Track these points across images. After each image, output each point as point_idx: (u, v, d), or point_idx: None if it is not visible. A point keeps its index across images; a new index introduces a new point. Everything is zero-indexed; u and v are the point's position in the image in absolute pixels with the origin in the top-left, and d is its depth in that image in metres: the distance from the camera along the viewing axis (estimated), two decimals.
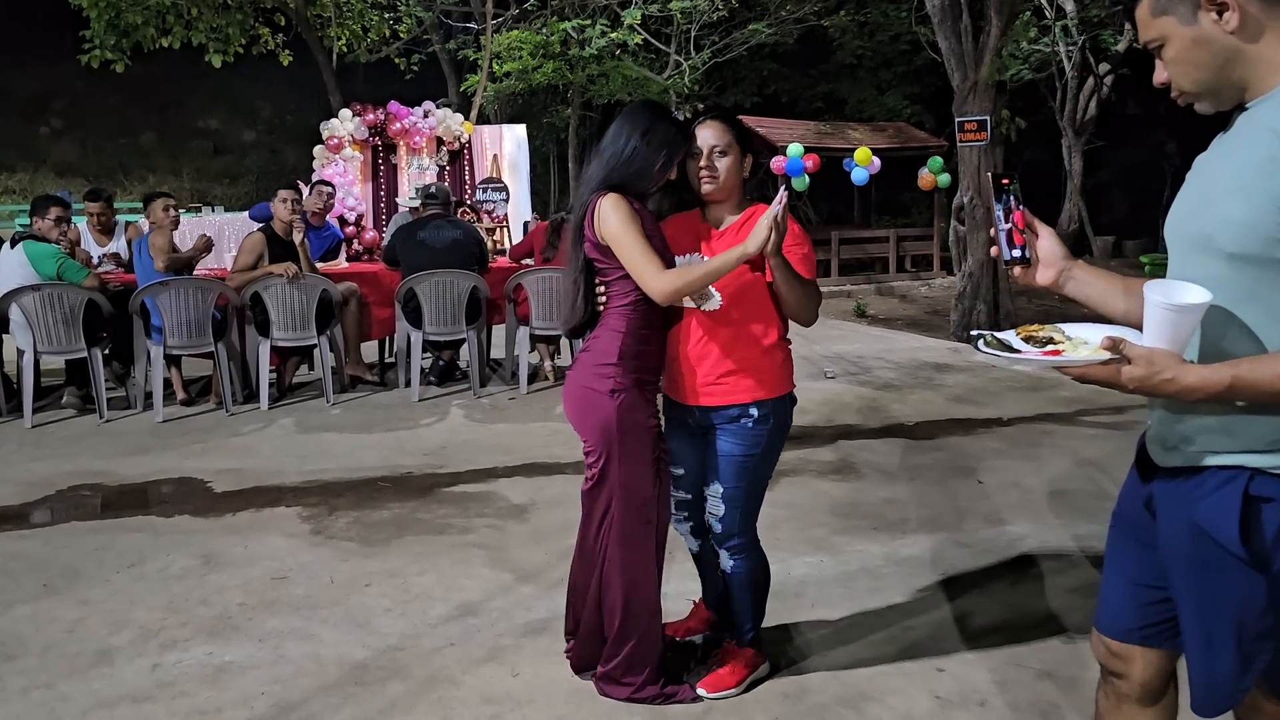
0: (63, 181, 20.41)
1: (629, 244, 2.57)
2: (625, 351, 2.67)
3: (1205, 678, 1.66)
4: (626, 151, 2.65)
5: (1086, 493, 4.71)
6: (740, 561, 2.82)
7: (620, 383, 2.66)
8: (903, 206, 19.70)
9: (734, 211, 2.78)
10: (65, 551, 4.05)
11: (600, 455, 2.70)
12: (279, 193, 6.77)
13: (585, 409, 2.70)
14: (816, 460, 5.28)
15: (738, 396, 2.70)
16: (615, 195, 2.62)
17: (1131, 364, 1.51)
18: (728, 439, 2.73)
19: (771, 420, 2.74)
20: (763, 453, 2.75)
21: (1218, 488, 1.59)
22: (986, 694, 2.86)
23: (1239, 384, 1.49)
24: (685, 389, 2.75)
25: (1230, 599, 1.60)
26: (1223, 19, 1.56)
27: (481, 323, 7.17)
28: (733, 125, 2.75)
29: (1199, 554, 1.61)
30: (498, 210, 11.57)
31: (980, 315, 9.65)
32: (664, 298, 2.57)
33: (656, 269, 2.55)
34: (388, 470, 5.17)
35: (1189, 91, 1.64)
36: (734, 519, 2.78)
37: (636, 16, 15.03)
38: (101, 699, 2.87)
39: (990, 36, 9.23)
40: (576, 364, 2.77)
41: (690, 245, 2.75)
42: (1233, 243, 1.54)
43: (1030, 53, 14.91)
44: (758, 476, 2.78)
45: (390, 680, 2.96)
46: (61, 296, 6.11)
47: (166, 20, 13.34)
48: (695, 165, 2.71)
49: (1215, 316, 1.56)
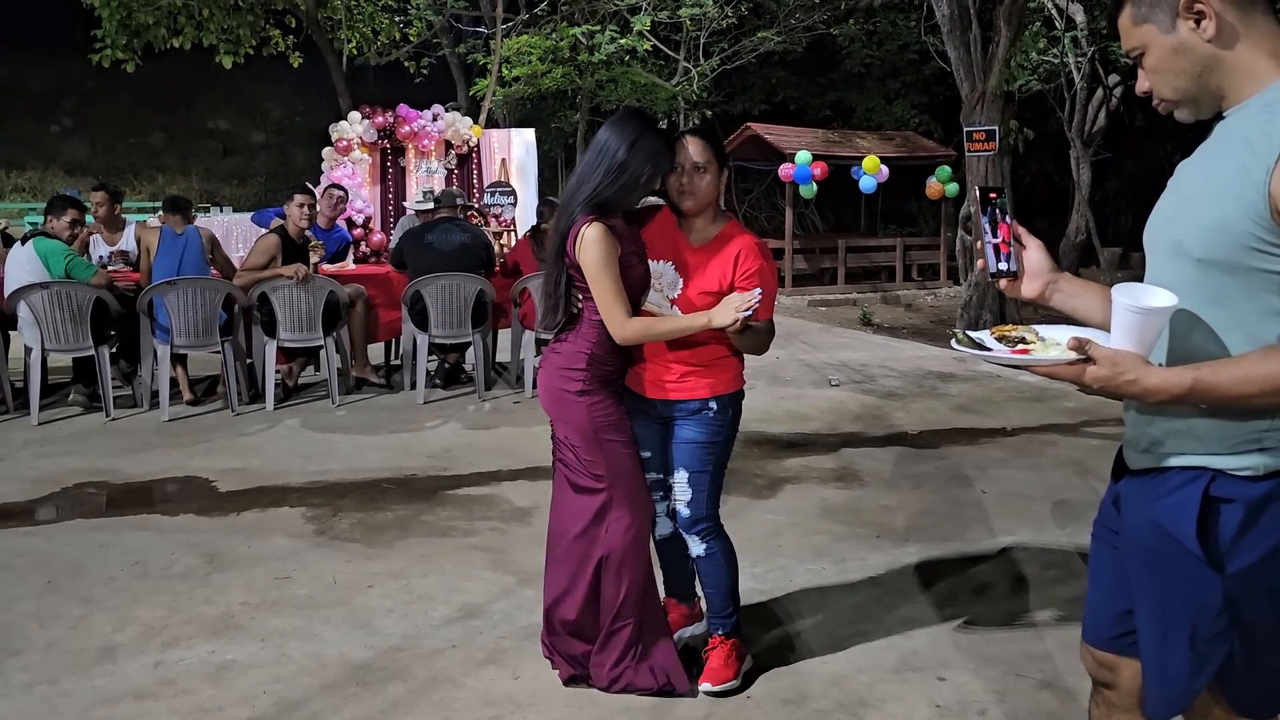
0: (72, 180, 20.48)
1: (602, 284, 2.67)
2: (593, 360, 2.79)
3: (1158, 677, 1.67)
4: (615, 164, 2.69)
5: (1089, 503, 4.70)
6: (711, 543, 2.94)
7: (589, 384, 2.79)
8: (910, 215, 19.68)
9: (709, 222, 2.86)
10: (70, 549, 4.06)
11: (589, 454, 2.80)
12: (295, 196, 6.79)
13: (559, 406, 2.82)
14: (819, 467, 5.28)
15: (698, 393, 2.85)
16: (599, 227, 2.67)
17: (1096, 364, 1.53)
18: (691, 428, 2.86)
19: (730, 411, 2.89)
20: (724, 440, 2.89)
21: (1179, 487, 1.61)
22: (986, 703, 2.86)
23: (1200, 387, 1.51)
24: (647, 385, 2.88)
25: (1185, 598, 1.61)
26: (1200, 27, 1.57)
27: (487, 326, 7.18)
28: (712, 142, 2.82)
29: (1157, 551, 1.63)
30: (505, 214, 11.60)
31: (986, 325, 9.63)
32: (622, 341, 2.73)
33: (622, 315, 2.68)
34: (392, 472, 5.18)
35: (1169, 99, 1.66)
36: (701, 501, 2.89)
37: (646, 23, 15.07)
38: (104, 695, 2.88)
39: (999, 47, 9.25)
40: (547, 360, 2.87)
41: (665, 253, 2.84)
42: (1201, 248, 1.56)
43: (1039, 63, 14.92)
44: (719, 459, 2.91)
45: (391, 681, 2.97)
46: (70, 294, 6.14)
47: (178, 20, 13.42)
48: (675, 179, 2.77)
49: (1183, 320, 1.58)
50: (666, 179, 2.78)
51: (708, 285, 2.78)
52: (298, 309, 6.54)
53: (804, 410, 6.64)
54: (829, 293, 14.68)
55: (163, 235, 6.61)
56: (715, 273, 2.78)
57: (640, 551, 2.87)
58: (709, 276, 2.78)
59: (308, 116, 23.78)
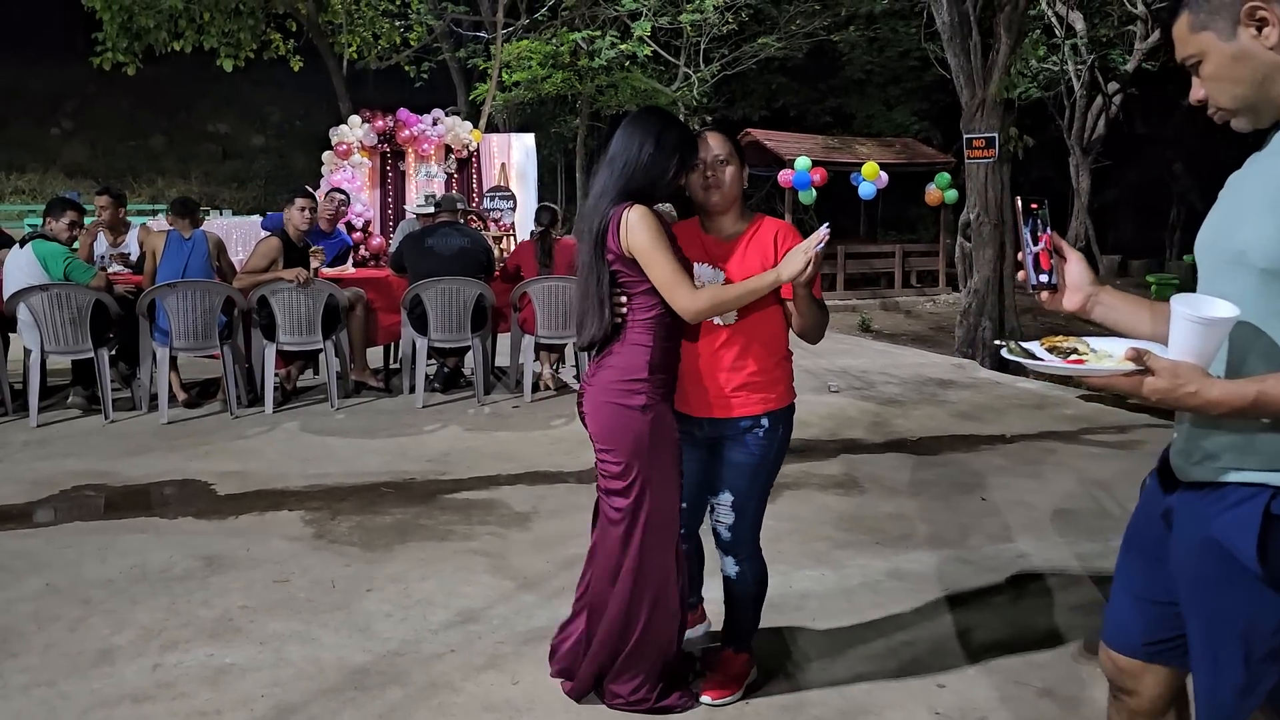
0: (72, 182, 20.50)
1: (660, 260, 2.55)
2: (654, 365, 2.64)
3: (1210, 695, 1.65)
4: (643, 158, 2.61)
5: (1089, 511, 4.70)
6: (746, 568, 2.87)
7: (652, 398, 2.64)
8: (909, 222, 19.73)
9: (736, 222, 2.80)
10: (68, 551, 4.05)
11: (633, 471, 2.65)
12: (296, 200, 6.79)
13: (615, 424, 2.65)
14: (820, 474, 5.28)
15: (750, 409, 2.72)
16: (641, 207, 2.58)
17: (1155, 375, 1.51)
18: (738, 450, 2.76)
19: (781, 429, 2.78)
20: (772, 461, 2.79)
21: (1238, 504, 1.58)
22: (986, 710, 2.85)
23: (1264, 400, 1.48)
24: (695, 402, 2.76)
25: (1240, 616, 1.59)
26: (1262, 34, 1.56)
27: (486, 330, 7.18)
28: (732, 137, 2.79)
29: (1212, 569, 1.60)
30: (505, 218, 11.61)
31: (985, 332, 9.65)
32: (693, 316, 2.58)
33: (688, 288, 2.55)
34: (391, 476, 5.18)
35: (1226, 108, 1.64)
36: (744, 527, 2.82)
37: (646, 28, 15.10)
38: (102, 698, 2.87)
39: (999, 54, 9.26)
40: (598, 378, 2.69)
41: (697, 256, 2.76)
42: (1264, 258, 1.53)
43: (1039, 71, 14.97)
44: (765, 484, 2.82)
45: (390, 685, 2.96)
46: (69, 296, 6.13)
47: (178, 24, 13.43)
48: (698, 176, 2.72)
49: (1243, 332, 1.55)
50: (689, 178, 2.72)
51: (751, 269, 2.68)
52: (297, 312, 6.53)
53: (804, 416, 6.58)
54: (828, 299, 14.58)
55: (169, 239, 6.59)
56: (756, 256, 2.71)
57: (669, 580, 2.75)
58: (751, 261, 2.70)
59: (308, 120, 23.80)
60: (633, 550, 2.70)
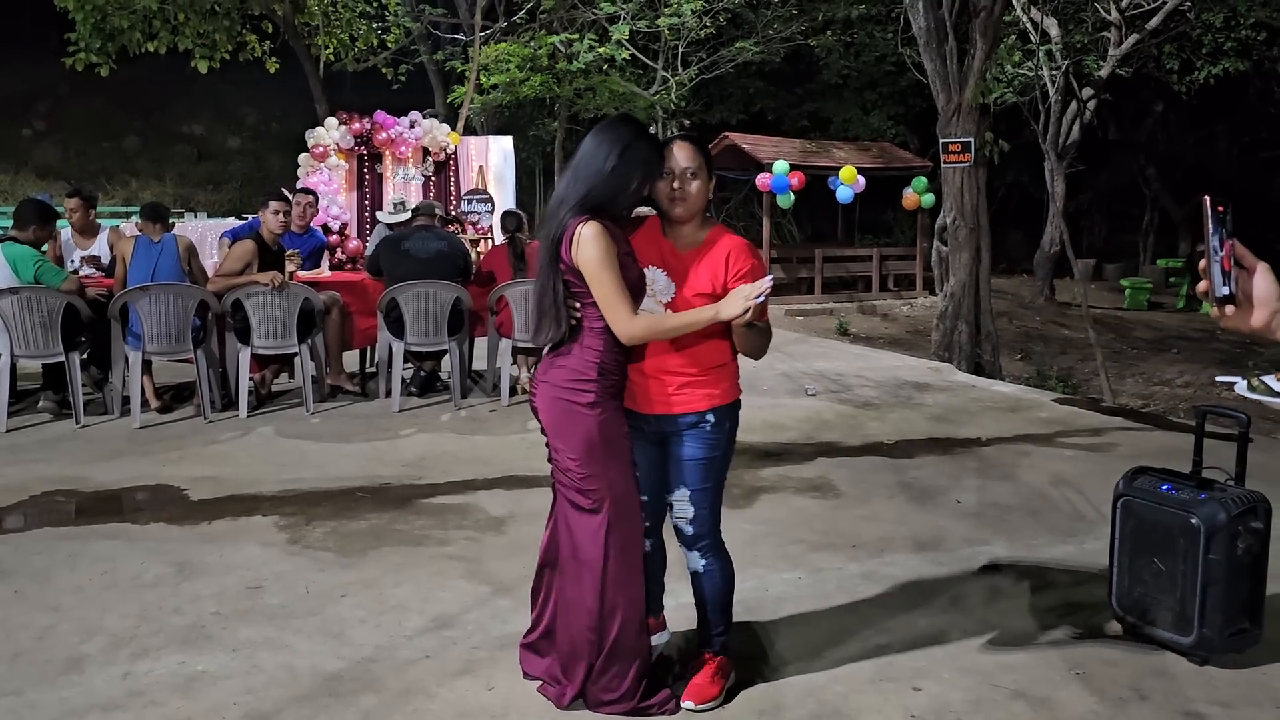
0: (44, 184, 20.23)
1: (604, 282, 2.61)
2: (604, 369, 2.71)
3: None
4: (606, 169, 2.64)
5: (1063, 513, 4.73)
6: (711, 560, 2.93)
7: (600, 396, 2.71)
8: (886, 226, 19.82)
9: (696, 229, 2.84)
10: (37, 557, 4.00)
11: (589, 466, 2.71)
12: (270, 203, 6.74)
13: (565, 420, 2.73)
14: (796, 477, 5.29)
15: (695, 405, 2.80)
16: (596, 225, 2.62)
17: None
18: (690, 444, 2.83)
19: (727, 424, 2.86)
20: (721, 455, 2.87)
21: None
22: (961, 713, 2.87)
23: None
24: (643, 399, 2.83)
25: None
26: None
27: (464, 334, 7.16)
28: (701, 148, 2.81)
29: None
30: (482, 222, 11.56)
31: (962, 335, 9.71)
32: (628, 340, 2.67)
33: (627, 312, 2.62)
34: (366, 480, 5.14)
35: None
36: (703, 518, 2.88)
37: (624, 32, 15.10)
38: (71, 707, 2.83)
39: (975, 59, 9.34)
40: (551, 375, 2.76)
41: (653, 260, 2.80)
42: None
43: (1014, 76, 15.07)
44: (719, 476, 2.90)
45: (364, 692, 2.94)
46: (40, 300, 6.06)
47: (153, 24, 13.29)
48: (665, 185, 2.75)
49: None
50: (655, 186, 2.75)
51: (701, 287, 2.75)
52: (272, 315, 6.49)
53: (781, 420, 6.65)
54: (806, 302, 14.74)
55: (138, 244, 6.53)
56: (707, 274, 2.76)
57: (637, 575, 2.79)
58: (701, 278, 2.77)
59: (284, 122, 23.61)
60: (600, 545, 2.73)
